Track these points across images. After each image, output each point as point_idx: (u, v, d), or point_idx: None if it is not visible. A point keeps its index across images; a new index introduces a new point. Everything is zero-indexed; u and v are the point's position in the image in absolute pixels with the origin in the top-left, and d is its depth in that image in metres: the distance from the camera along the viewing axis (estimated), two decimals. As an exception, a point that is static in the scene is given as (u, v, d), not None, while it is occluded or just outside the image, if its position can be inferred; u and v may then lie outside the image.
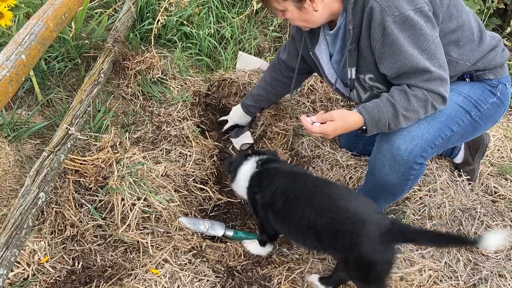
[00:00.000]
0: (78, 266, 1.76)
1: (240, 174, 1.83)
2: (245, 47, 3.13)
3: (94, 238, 1.85)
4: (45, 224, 1.83)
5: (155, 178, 2.05)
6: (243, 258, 1.89)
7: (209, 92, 2.77)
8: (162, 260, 1.79)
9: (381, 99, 1.62)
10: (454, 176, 2.25)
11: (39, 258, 1.72)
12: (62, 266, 1.74)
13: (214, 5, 3.15)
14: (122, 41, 2.72)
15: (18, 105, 2.36)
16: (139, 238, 1.86)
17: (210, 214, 2.21)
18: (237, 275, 1.79)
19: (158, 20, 2.84)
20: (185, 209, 2.10)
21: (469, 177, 2.24)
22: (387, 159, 1.71)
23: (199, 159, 2.32)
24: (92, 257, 1.80)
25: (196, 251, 1.87)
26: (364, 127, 1.63)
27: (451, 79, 1.70)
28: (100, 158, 2.01)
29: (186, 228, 1.98)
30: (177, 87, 2.68)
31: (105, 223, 1.89)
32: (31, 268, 1.69)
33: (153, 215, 1.93)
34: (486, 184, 2.26)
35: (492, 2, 3.19)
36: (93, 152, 2.08)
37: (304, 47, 1.93)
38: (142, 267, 1.77)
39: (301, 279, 1.78)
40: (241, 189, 1.82)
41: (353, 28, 1.63)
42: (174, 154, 2.26)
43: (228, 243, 1.98)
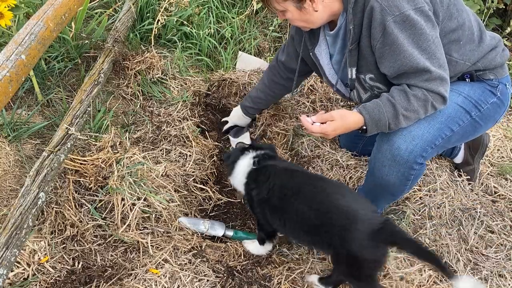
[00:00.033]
0: (78, 266, 1.76)
1: (237, 168, 1.84)
2: (245, 47, 3.13)
3: (94, 238, 1.86)
4: (45, 224, 1.83)
5: (155, 178, 2.05)
6: (243, 258, 1.89)
7: (209, 92, 2.76)
8: (162, 260, 1.79)
9: (381, 99, 1.62)
10: (454, 176, 2.25)
11: (39, 258, 1.72)
12: (62, 266, 1.74)
13: (214, 5, 3.15)
14: (122, 41, 2.72)
15: (18, 105, 2.36)
16: (139, 238, 1.86)
17: (210, 214, 2.21)
18: (237, 275, 1.79)
19: (158, 20, 2.84)
20: (185, 209, 2.10)
21: (469, 177, 2.24)
22: (387, 159, 1.71)
23: (199, 159, 2.32)
24: (92, 257, 1.80)
25: (196, 251, 1.87)
26: (364, 127, 1.63)
27: (451, 79, 1.70)
28: (100, 158, 2.01)
29: (186, 228, 1.98)
30: (177, 87, 2.68)
31: (105, 223, 1.89)
32: (31, 268, 1.69)
33: (153, 215, 1.93)
34: (486, 184, 2.26)
35: (492, 2, 3.19)
36: (93, 152, 2.08)
37: (304, 48, 1.93)
38: (142, 267, 1.77)
39: (301, 279, 1.78)
40: (238, 183, 1.85)
41: (354, 28, 1.63)
42: (174, 154, 2.26)
43: (228, 243, 1.98)
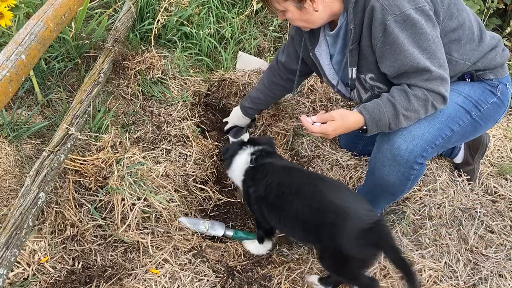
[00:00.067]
0: (78, 266, 1.76)
1: (235, 164, 1.86)
2: (245, 47, 3.13)
3: (94, 238, 1.85)
4: (45, 224, 1.83)
5: (155, 178, 2.05)
6: (243, 258, 1.89)
7: (209, 92, 2.76)
8: (162, 260, 1.79)
9: (381, 99, 1.62)
10: (454, 176, 2.25)
11: (39, 258, 1.72)
12: (62, 266, 1.74)
13: (214, 5, 3.15)
14: (122, 41, 2.72)
15: (18, 105, 2.36)
16: (139, 238, 1.86)
17: (210, 214, 2.21)
18: (237, 275, 1.79)
19: (158, 20, 2.84)
20: (185, 209, 2.10)
21: (469, 177, 2.24)
22: (388, 159, 1.71)
23: (199, 159, 2.32)
24: (92, 257, 1.80)
25: (196, 251, 1.87)
26: (365, 127, 1.63)
27: (452, 79, 1.70)
28: (100, 158, 2.01)
29: (186, 228, 1.98)
30: (177, 87, 2.68)
31: (105, 223, 1.89)
32: (31, 268, 1.68)
33: (153, 215, 1.93)
34: (486, 184, 2.26)
35: (492, 2, 3.19)
36: (93, 152, 2.08)
37: (304, 48, 1.92)
38: (142, 267, 1.76)
39: (301, 279, 1.78)
40: (236, 179, 1.87)
41: (354, 28, 1.63)
42: (174, 154, 2.26)
43: (228, 243, 1.98)
